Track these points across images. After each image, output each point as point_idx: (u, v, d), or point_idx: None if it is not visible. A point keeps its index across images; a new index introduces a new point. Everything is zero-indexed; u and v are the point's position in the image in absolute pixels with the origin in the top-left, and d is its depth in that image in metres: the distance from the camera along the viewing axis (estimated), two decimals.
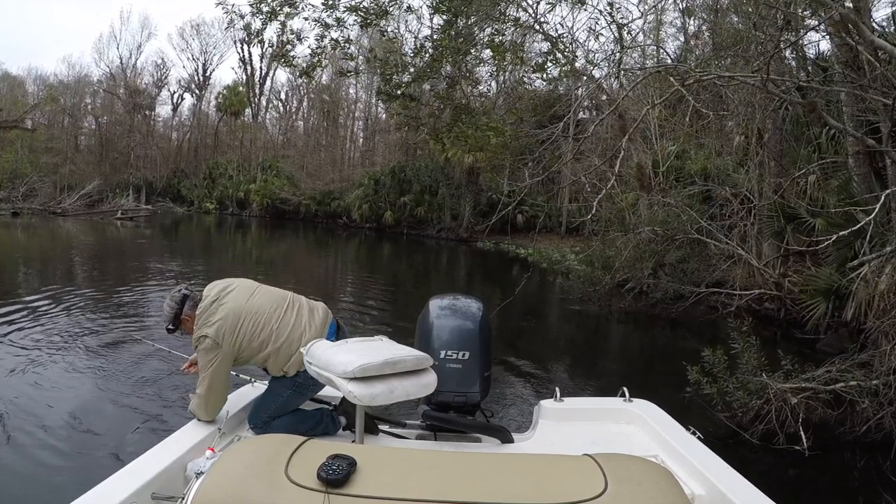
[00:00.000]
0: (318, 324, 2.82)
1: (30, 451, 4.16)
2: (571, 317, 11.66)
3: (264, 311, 2.74)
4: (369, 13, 9.83)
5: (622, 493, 1.24)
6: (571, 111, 8.67)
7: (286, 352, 2.71)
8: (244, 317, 2.70)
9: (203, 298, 2.77)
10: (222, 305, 2.71)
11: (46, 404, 5.05)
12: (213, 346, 2.65)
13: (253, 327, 2.69)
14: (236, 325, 2.67)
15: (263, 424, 2.77)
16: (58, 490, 3.51)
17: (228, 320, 2.67)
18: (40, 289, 10.20)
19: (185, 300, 2.83)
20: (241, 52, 44.65)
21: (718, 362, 5.13)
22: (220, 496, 1.24)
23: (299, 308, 2.84)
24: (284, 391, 2.79)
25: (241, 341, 2.67)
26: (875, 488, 4.25)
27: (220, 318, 2.67)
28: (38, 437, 4.38)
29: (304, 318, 2.80)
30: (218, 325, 2.66)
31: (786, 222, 9.95)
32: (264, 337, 2.69)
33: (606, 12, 10.71)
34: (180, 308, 2.82)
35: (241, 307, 2.72)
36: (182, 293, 2.85)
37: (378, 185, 30.73)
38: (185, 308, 2.82)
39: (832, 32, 7.36)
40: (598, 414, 2.99)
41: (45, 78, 44.76)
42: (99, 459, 4.05)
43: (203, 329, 2.67)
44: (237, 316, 2.69)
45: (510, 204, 8.74)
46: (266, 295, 2.84)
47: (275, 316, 2.75)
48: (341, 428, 2.90)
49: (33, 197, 33.51)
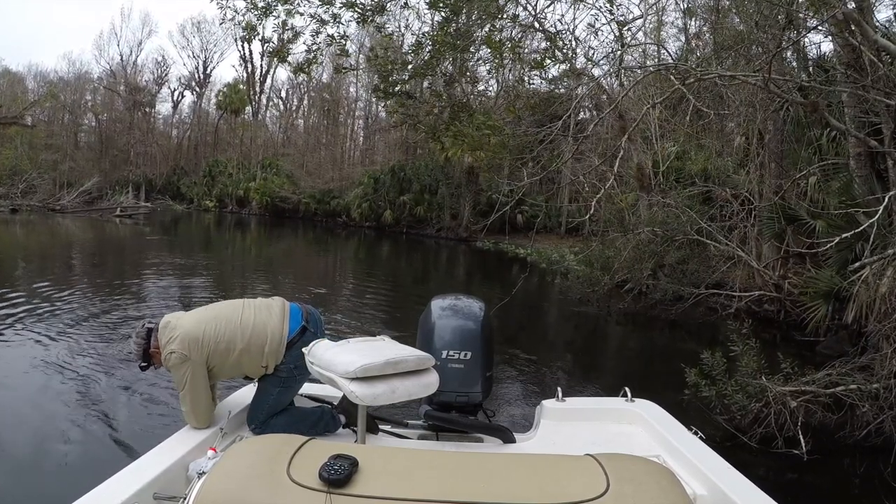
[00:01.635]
0: (278, 312, 2.82)
1: (31, 451, 4.16)
2: (571, 317, 11.65)
3: (223, 315, 2.76)
4: (366, 9, 9.81)
5: (624, 493, 1.24)
6: (570, 109, 8.65)
7: (257, 346, 2.70)
8: (205, 324, 2.70)
9: (162, 325, 2.77)
10: (181, 321, 2.72)
11: (47, 404, 5.05)
12: (183, 358, 2.63)
13: (216, 331, 2.68)
14: (199, 332, 2.67)
15: (261, 424, 2.78)
16: (59, 490, 3.50)
17: (191, 332, 2.67)
18: (39, 287, 10.18)
19: (150, 333, 2.78)
20: (242, 49, 44.57)
21: (717, 364, 5.12)
22: (221, 496, 1.24)
23: (256, 306, 2.84)
24: (273, 389, 2.79)
25: (209, 348, 2.66)
26: (875, 493, 4.23)
27: (182, 331, 2.66)
28: (38, 437, 4.37)
29: (262, 312, 2.80)
30: (181, 337, 2.65)
31: (786, 224, 9.95)
32: (230, 336, 2.69)
33: (606, 9, 10.71)
34: (147, 343, 2.78)
35: (200, 317, 2.74)
36: (146, 327, 2.81)
37: (378, 184, 30.72)
38: (151, 341, 2.78)
39: (834, 32, 7.36)
40: (600, 414, 2.98)
41: (46, 74, 44.79)
42: (100, 459, 4.05)
43: (168, 346, 2.66)
44: (198, 324, 2.70)
45: (508, 203, 8.72)
46: (220, 305, 2.87)
47: (234, 316, 2.75)
48: (341, 426, 2.90)
49: (32, 194, 33.53)
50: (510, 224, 25.17)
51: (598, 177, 11.59)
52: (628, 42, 11.15)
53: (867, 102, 7.22)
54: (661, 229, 10.98)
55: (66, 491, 2.08)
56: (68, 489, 2.10)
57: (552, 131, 8.42)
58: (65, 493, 2.07)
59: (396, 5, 10.83)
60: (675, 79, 6.87)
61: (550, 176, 12.77)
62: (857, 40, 6.24)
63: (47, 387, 5.45)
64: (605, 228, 12.54)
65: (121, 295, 10.13)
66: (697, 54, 14.84)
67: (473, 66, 12.86)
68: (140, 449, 2.37)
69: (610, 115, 9.78)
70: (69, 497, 1.89)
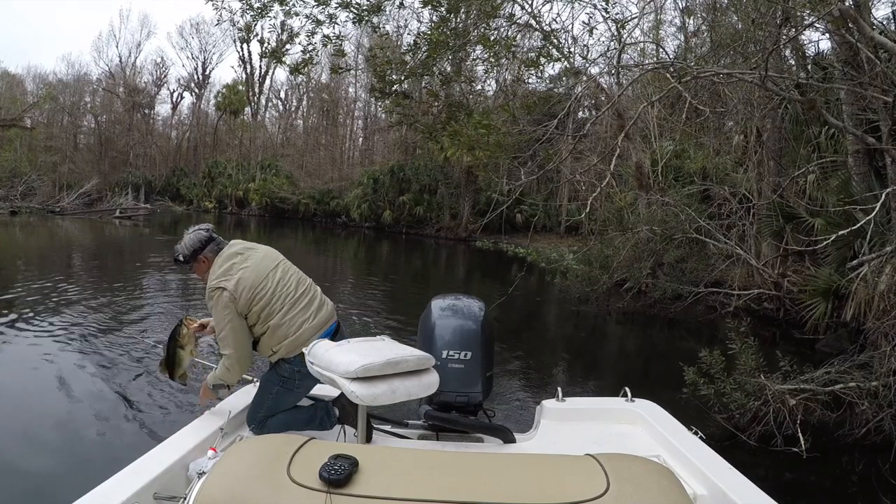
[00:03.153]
0: (321, 320, 2.81)
1: (31, 451, 4.16)
2: (570, 316, 11.65)
3: (282, 286, 2.73)
4: (361, 9, 9.82)
5: (624, 492, 1.25)
6: (567, 107, 8.64)
7: (282, 333, 2.70)
8: (263, 283, 2.68)
9: (226, 249, 2.74)
10: (245, 265, 2.69)
11: (47, 404, 5.05)
12: (231, 300, 2.62)
13: (268, 297, 2.67)
14: (254, 287, 2.66)
15: (259, 424, 2.77)
16: (59, 490, 3.50)
17: (251, 284, 2.65)
18: (39, 288, 10.17)
19: (210, 241, 2.78)
20: (241, 50, 44.75)
21: (715, 363, 5.10)
22: (221, 496, 1.24)
23: (311, 298, 2.83)
24: (273, 387, 2.79)
25: (253, 306, 2.66)
26: (874, 492, 4.22)
27: (242, 277, 2.65)
28: (39, 437, 4.37)
29: (311, 309, 2.79)
30: (239, 281, 2.64)
31: (785, 222, 9.96)
32: (272, 310, 2.68)
33: (602, 7, 10.71)
34: (202, 247, 2.77)
35: (263, 273, 2.71)
36: (209, 233, 2.79)
37: (377, 185, 30.69)
38: (206, 248, 2.77)
39: (832, 29, 7.36)
40: (600, 414, 2.99)
41: (45, 76, 44.67)
42: (101, 459, 4.05)
43: (221, 282, 2.64)
44: (257, 278, 2.68)
45: (505, 203, 8.74)
46: (288, 272, 2.82)
47: (290, 295, 2.73)
48: (336, 420, 2.87)
49: (32, 196, 33.50)
50: (510, 224, 25.20)
51: (596, 175, 11.59)
52: (626, 41, 11.14)
53: (865, 100, 7.21)
54: (659, 228, 10.97)
55: (66, 491, 2.08)
56: (68, 489, 2.10)
57: (549, 129, 8.42)
58: (65, 492, 2.07)
59: (393, 5, 10.84)
60: (672, 77, 6.87)
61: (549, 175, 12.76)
62: (855, 37, 6.23)
63: (48, 386, 5.44)
64: (604, 227, 12.53)
65: (120, 294, 10.12)
66: (696, 53, 14.85)
67: (471, 65, 12.87)
68: (140, 449, 2.37)
69: (609, 114, 9.77)
70: (69, 497, 1.89)
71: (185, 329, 2.90)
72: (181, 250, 2.80)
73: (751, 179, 11.24)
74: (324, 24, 10.01)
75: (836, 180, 8.73)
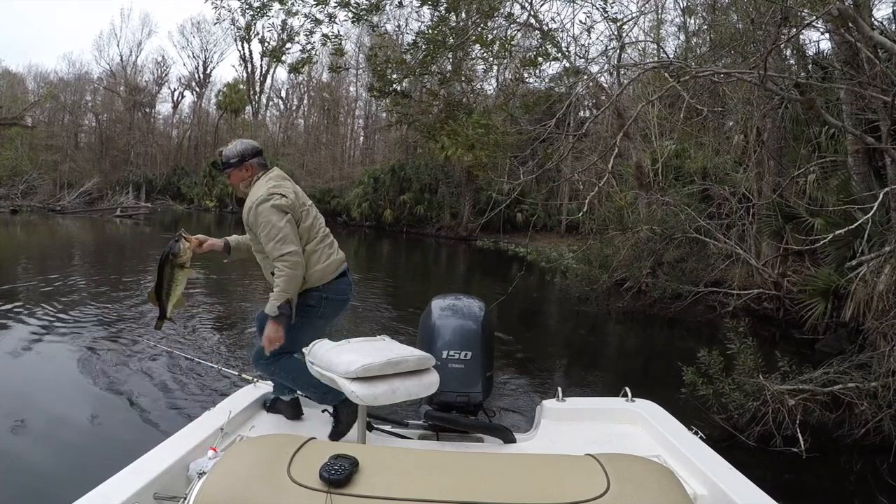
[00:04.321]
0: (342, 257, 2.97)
1: (31, 451, 4.16)
2: (570, 316, 11.65)
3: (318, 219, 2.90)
4: (360, 8, 9.83)
5: (624, 493, 1.25)
6: (566, 105, 8.65)
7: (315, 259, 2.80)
8: (309, 208, 2.84)
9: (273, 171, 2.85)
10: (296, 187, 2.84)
11: (47, 403, 5.04)
12: (288, 206, 2.70)
13: (311, 221, 2.82)
14: (303, 206, 2.80)
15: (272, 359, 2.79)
16: (59, 490, 3.50)
17: (302, 198, 2.81)
18: (39, 287, 10.18)
19: (259, 153, 2.86)
20: (242, 49, 44.59)
21: (714, 363, 5.10)
22: (222, 496, 1.24)
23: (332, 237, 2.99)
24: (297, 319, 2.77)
25: (302, 223, 2.77)
26: (873, 492, 4.22)
27: (296, 191, 2.80)
28: (38, 438, 4.37)
29: (335, 246, 2.95)
30: (295, 195, 2.77)
31: (784, 222, 9.95)
32: (311, 235, 2.80)
33: (600, 6, 10.71)
34: (252, 155, 2.83)
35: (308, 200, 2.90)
36: (257, 147, 2.89)
37: (378, 184, 30.68)
38: (255, 158, 2.83)
39: (831, 29, 7.36)
40: (601, 414, 2.99)
41: (46, 75, 44.72)
42: (100, 459, 4.04)
43: (279, 189, 2.72)
44: (305, 201, 2.85)
45: (504, 202, 8.74)
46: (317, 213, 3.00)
47: (322, 228, 2.89)
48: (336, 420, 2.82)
49: (33, 194, 33.50)
50: (510, 223, 25.19)
51: (596, 175, 11.58)
52: (625, 40, 11.14)
53: (864, 99, 7.21)
54: (659, 227, 10.98)
55: (66, 491, 2.08)
56: (68, 489, 2.10)
57: (548, 127, 8.42)
58: (65, 492, 2.07)
59: (392, 4, 10.84)
60: (670, 76, 6.87)
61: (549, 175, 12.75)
62: (854, 37, 6.23)
63: (48, 385, 5.45)
64: (604, 227, 12.52)
65: (121, 294, 10.12)
66: (697, 52, 14.85)
67: (470, 64, 12.87)
68: (140, 449, 2.37)
69: (609, 113, 9.77)
70: (69, 497, 1.89)
71: (185, 243, 2.75)
72: (228, 153, 2.86)
73: (751, 179, 11.24)
74: (323, 24, 10.03)
75: (835, 180, 8.72)
